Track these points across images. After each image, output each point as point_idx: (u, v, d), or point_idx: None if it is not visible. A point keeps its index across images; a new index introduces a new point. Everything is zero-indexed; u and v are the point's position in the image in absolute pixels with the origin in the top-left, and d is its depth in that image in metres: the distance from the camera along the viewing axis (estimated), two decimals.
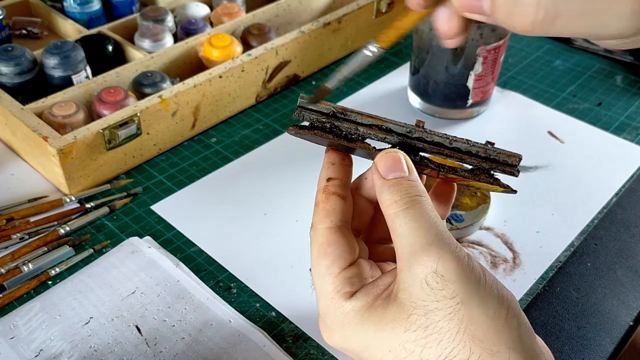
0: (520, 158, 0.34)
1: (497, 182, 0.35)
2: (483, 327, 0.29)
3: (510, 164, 0.34)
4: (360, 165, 0.37)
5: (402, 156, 0.33)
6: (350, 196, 0.35)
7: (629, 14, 0.27)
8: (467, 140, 0.34)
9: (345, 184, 0.35)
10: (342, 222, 0.34)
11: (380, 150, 0.34)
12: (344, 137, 0.34)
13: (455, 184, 0.39)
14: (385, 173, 0.32)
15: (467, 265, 0.30)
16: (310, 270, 0.35)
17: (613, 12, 0.27)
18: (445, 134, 0.34)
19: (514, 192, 0.35)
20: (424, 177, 0.38)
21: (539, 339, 0.32)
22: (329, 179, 0.36)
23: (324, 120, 0.35)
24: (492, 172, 0.35)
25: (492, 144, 0.34)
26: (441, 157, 0.34)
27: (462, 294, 0.29)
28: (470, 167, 0.34)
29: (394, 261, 0.35)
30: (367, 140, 0.34)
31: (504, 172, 0.34)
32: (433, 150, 0.34)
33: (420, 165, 0.34)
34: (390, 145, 0.34)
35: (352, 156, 0.36)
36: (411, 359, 0.30)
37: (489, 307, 0.29)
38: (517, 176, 0.35)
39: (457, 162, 0.35)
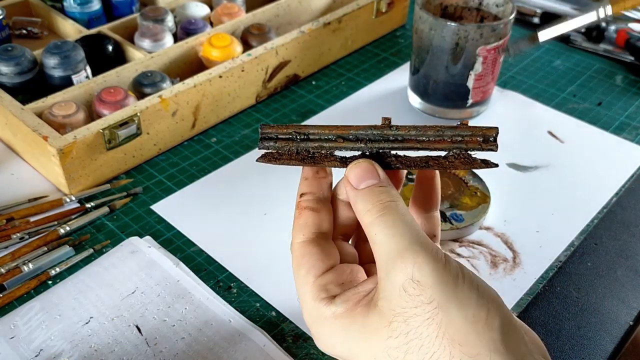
0: (497, 131, 0.33)
1: (474, 162, 0.34)
2: (462, 330, 0.29)
3: (487, 139, 0.33)
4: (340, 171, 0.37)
5: (371, 164, 0.33)
6: (326, 207, 0.36)
7: None
8: (438, 127, 0.33)
9: (319, 197, 0.36)
10: (314, 235, 0.36)
11: (350, 159, 0.34)
12: (312, 157, 0.35)
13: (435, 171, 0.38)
14: (357, 183, 0.33)
15: (443, 267, 0.30)
16: None
17: None
18: (414, 126, 0.33)
19: (495, 165, 0.34)
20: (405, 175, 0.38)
21: (532, 335, 0.32)
22: (302, 194, 0.37)
23: (289, 145, 0.35)
24: (468, 152, 0.33)
25: (466, 123, 0.33)
26: (415, 152, 0.34)
27: (439, 298, 0.29)
28: (444, 153, 0.34)
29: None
30: (337, 152, 0.34)
31: (482, 149, 0.33)
32: (405, 147, 0.34)
33: (394, 168, 0.34)
34: (360, 153, 0.34)
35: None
36: None
37: (468, 309, 0.29)
38: (496, 150, 0.33)
39: (432, 153, 0.34)
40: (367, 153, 0.34)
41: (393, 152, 0.34)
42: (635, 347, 0.51)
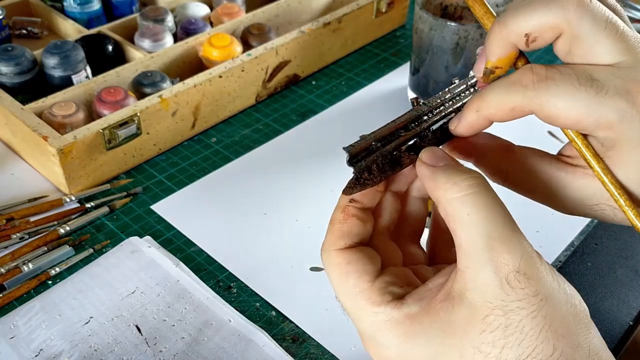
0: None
1: None
2: (564, 322, 0.28)
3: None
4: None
5: (444, 151, 0.31)
6: (370, 221, 0.33)
7: None
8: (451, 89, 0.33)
9: (367, 208, 0.33)
10: (356, 244, 0.32)
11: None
12: (397, 160, 0.32)
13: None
14: (435, 162, 0.30)
15: (540, 260, 0.28)
16: (336, 298, 0.31)
17: None
18: (435, 96, 0.33)
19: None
20: None
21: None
22: (352, 200, 0.33)
23: (375, 158, 0.32)
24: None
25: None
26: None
27: (544, 291, 0.27)
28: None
29: (427, 264, 0.34)
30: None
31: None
32: (443, 114, 0.33)
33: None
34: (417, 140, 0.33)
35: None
36: None
37: (567, 301, 0.28)
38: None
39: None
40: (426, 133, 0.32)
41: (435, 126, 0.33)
42: (635, 347, 0.51)
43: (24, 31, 0.79)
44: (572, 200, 0.33)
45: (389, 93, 0.74)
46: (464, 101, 0.34)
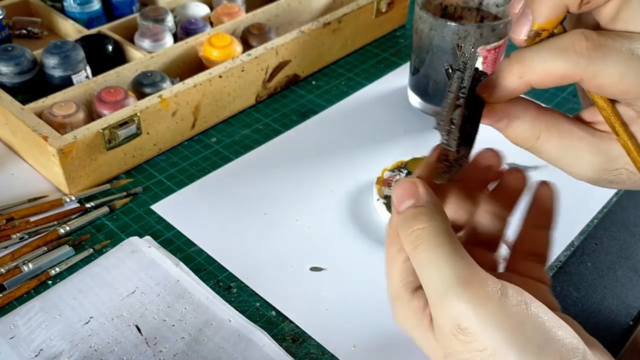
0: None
1: None
2: None
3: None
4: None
5: (411, 182, 0.31)
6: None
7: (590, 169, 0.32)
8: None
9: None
10: None
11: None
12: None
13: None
14: (398, 205, 0.31)
15: (496, 307, 0.27)
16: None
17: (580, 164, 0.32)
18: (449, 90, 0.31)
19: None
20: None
21: None
22: (418, 177, 0.33)
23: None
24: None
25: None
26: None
27: (493, 345, 0.26)
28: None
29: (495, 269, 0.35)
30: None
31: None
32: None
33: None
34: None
35: None
36: None
37: (529, 356, 0.26)
38: None
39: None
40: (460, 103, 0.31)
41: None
42: (635, 347, 0.51)
43: (24, 31, 0.79)
44: (596, 164, 0.32)
45: (389, 93, 0.74)
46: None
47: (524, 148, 0.33)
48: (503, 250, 0.38)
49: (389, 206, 0.55)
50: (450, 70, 0.31)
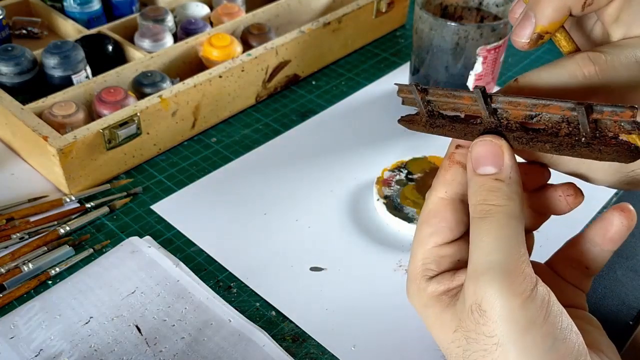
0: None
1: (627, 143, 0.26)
2: None
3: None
4: None
5: (499, 147, 0.29)
6: None
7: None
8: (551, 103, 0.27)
9: None
10: (457, 195, 0.32)
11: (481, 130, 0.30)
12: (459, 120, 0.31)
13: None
14: (476, 164, 0.29)
15: (520, 305, 0.27)
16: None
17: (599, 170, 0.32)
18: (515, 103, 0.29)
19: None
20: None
21: None
22: (458, 146, 0.32)
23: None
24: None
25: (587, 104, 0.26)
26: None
27: (501, 336, 0.27)
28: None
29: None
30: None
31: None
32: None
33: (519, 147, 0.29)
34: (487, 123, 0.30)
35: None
36: None
37: (528, 358, 0.27)
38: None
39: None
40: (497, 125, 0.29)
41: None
42: (635, 347, 0.51)
43: (24, 31, 0.79)
44: (612, 168, 0.32)
45: (389, 93, 0.74)
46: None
47: (542, 162, 0.34)
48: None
49: (389, 206, 0.55)
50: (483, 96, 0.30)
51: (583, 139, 0.27)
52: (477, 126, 0.30)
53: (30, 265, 0.50)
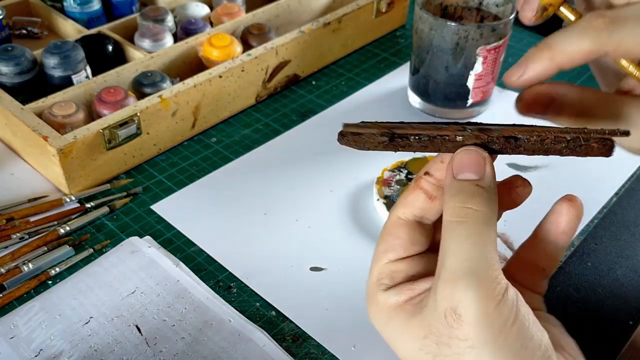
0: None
1: (609, 141, 0.30)
2: None
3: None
4: None
5: (482, 157, 0.30)
6: (441, 199, 0.32)
7: None
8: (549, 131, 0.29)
9: (441, 186, 0.33)
10: (415, 217, 0.33)
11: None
12: (430, 140, 0.31)
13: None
14: (457, 171, 0.30)
15: (494, 308, 0.27)
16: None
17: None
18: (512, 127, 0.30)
19: (626, 133, 0.30)
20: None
21: None
22: (426, 173, 0.33)
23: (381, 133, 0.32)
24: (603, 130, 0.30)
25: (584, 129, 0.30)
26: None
27: (475, 338, 0.27)
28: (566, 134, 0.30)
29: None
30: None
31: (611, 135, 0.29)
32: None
33: (505, 152, 0.30)
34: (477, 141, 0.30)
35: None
36: None
37: (503, 358, 0.27)
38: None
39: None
40: (483, 142, 0.30)
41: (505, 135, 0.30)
42: (635, 347, 0.51)
43: (24, 31, 0.79)
44: None
45: (389, 93, 0.74)
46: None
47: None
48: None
49: (389, 206, 0.55)
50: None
51: (565, 150, 0.30)
52: (456, 142, 0.31)
53: (30, 265, 0.50)
